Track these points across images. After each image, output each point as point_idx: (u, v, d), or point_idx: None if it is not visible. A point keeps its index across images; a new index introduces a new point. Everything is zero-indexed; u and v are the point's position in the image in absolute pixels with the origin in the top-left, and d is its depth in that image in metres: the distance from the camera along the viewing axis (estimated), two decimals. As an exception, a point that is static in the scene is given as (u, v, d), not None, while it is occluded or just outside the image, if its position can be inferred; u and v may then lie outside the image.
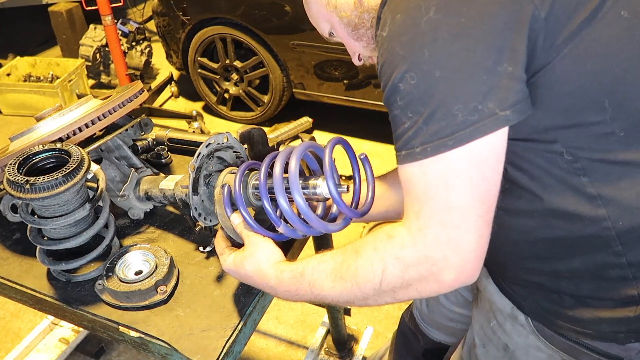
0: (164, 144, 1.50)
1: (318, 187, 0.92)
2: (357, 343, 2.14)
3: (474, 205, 0.71)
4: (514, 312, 0.98)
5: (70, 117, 1.13)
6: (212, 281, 1.09)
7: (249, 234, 0.96)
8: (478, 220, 0.72)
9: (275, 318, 2.39)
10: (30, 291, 1.10)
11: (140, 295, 1.02)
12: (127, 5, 5.29)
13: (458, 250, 0.72)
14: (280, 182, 0.89)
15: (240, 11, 3.37)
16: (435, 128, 0.70)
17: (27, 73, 4.27)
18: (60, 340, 2.12)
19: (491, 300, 1.04)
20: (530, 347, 0.97)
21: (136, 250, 1.11)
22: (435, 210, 0.72)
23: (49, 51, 5.22)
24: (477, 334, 1.11)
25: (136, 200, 1.22)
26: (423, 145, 0.71)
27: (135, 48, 4.35)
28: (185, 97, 4.32)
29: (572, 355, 0.92)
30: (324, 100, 3.54)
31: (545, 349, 0.95)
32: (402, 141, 0.75)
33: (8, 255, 1.19)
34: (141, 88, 1.27)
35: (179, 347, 0.95)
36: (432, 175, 0.72)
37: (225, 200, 0.98)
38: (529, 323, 0.96)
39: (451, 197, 0.71)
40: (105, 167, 1.21)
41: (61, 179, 0.96)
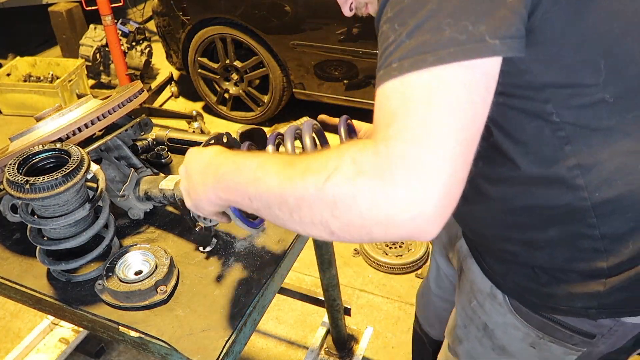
0: (164, 144, 1.50)
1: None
2: (357, 343, 2.14)
3: (456, 129, 0.61)
4: (493, 291, 0.99)
5: (70, 117, 1.13)
6: (212, 281, 1.09)
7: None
8: (456, 147, 0.60)
9: (275, 318, 2.39)
10: (30, 291, 1.10)
11: (140, 295, 1.02)
12: (127, 5, 5.29)
13: (424, 178, 0.59)
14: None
15: (240, 11, 3.37)
16: (418, 41, 0.63)
17: (27, 73, 4.27)
18: (60, 340, 2.13)
19: (473, 281, 1.05)
20: (508, 326, 0.98)
21: (136, 250, 1.11)
22: (409, 125, 0.61)
23: (49, 51, 5.22)
24: (459, 315, 1.12)
25: (136, 200, 1.22)
26: (401, 61, 0.63)
27: (135, 48, 4.35)
28: (185, 97, 4.32)
29: (546, 332, 0.93)
30: (324, 100, 3.54)
31: (521, 327, 0.96)
32: (382, 59, 0.66)
33: (8, 255, 1.19)
34: (141, 88, 1.27)
35: (179, 347, 0.95)
36: (414, 88, 0.62)
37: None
38: (506, 302, 0.97)
39: (431, 114, 0.60)
40: (105, 167, 1.21)
41: (61, 179, 0.96)
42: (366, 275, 2.60)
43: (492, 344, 1.04)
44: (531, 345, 0.97)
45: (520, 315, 0.96)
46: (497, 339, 1.02)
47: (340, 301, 1.90)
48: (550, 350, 0.96)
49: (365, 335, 2.15)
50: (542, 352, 0.97)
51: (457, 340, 1.14)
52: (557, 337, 0.93)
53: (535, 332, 0.95)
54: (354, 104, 3.45)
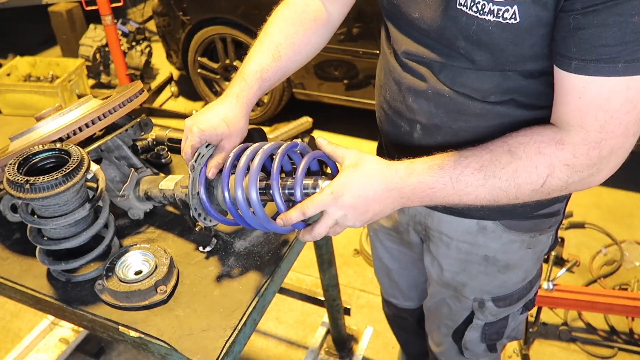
0: (164, 144, 1.50)
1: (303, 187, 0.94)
2: (357, 343, 2.14)
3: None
4: (481, 224, 1.09)
5: (70, 117, 1.13)
6: (212, 281, 1.09)
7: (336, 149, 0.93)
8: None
9: (275, 318, 2.39)
10: (30, 291, 1.10)
11: (140, 295, 1.02)
12: (127, 5, 5.29)
13: (619, 160, 0.80)
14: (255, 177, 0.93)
15: (240, 11, 3.37)
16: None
17: (27, 73, 4.27)
18: (60, 340, 2.13)
19: (451, 229, 1.13)
20: (506, 244, 1.10)
21: (136, 250, 1.11)
22: (622, 124, 0.76)
23: (49, 51, 5.22)
24: (449, 266, 1.20)
25: (136, 200, 1.22)
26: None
27: (135, 48, 4.35)
28: (185, 97, 4.32)
29: (537, 230, 1.09)
30: (324, 100, 3.54)
31: (517, 238, 1.09)
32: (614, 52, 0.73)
33: (8, 255, 1.19)
34: (141, 88, 1.27)
35: (179, 347, 0.95)
36: (635, 90, 0.74)
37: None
38: (498, 226, 1.08)
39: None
40: (105, 167, 1.21)
41: (61, 179, 0.96)
42: (366, 275, 2.60)
43: (496, 268, 1.14)
44: (527, 247, 1.12)
45: (512, 229, 1.08)
46: (499, 260, 1.13)
47: (340, 301, 1.90)
48: (540, 242, 1.12)
49: (365, 335, 2.15)
50: (535, 248, 1.13)
51: (462, 285, 1.21)
52: (542, 228, 1.10)
53: (528, 235, 1.09)
54: (354, 104, 3.45)
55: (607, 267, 2.61)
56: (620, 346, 2.22)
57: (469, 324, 1.25)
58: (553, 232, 1.16)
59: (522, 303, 1.23)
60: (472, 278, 1.19)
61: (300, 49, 1.14)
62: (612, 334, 2.27)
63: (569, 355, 2.21)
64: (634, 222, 2.91)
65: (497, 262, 1.14)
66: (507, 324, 1.25)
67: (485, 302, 1.20)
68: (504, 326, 1.25)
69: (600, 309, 2.18)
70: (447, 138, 0.99)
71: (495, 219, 1.08)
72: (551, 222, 1.11)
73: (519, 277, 1.17)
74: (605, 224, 2.85)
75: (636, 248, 2.68)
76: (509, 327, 1.26)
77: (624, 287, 2.46)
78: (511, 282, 1.18)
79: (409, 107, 1.02)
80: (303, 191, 0.92)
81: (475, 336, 1.27)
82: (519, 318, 1.28)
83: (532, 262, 1.16)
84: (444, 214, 1.13)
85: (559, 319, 2.34)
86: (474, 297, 1.21)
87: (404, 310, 1.60)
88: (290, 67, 1.14)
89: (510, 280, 1.17)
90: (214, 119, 1.03)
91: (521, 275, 1.17)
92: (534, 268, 1.19)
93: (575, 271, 2.57)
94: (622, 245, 2.70)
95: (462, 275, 1.19)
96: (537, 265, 1.19)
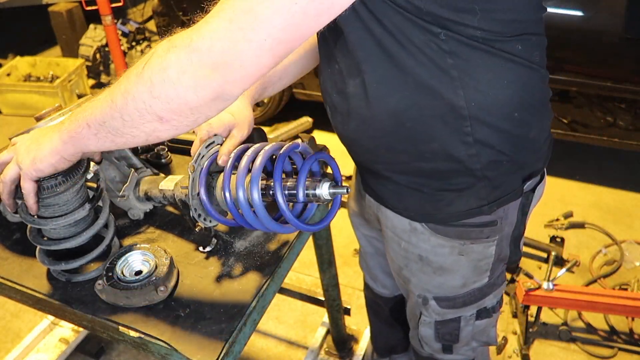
0: (164, 144, 1.50)
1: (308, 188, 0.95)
2: (357, 343, 2.14)
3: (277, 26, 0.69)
4: (412, 225, 1.11)
5: (70, 117, 1.13)
6: (212, 281, 1.09)
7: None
8: (268, 40, 0.69)
9: (275, 318, 2.39)
10: (30, 291, 1.10)
11: (140, 295, 1.02)
12: (127, 5, 5.29)
13: (227, 48, 0.69)
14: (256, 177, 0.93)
15: (240, 11, 3.37)
16: None
17: (27, 73, 4.27)
18: (60, 340, 2.13)
19: (393, 225, 1.16)
20: (435, 247, 1.12)
21: (136, 250, 1.11)
22: (234, 8, 0.69)
23: (49, 51, 5.22)
24: (397, 260, 1.23)
25: (136, 200, 1.22)
26: None
27: (135, 48, 4.35)
28: (185, 97, 4.31)
29: (464, 237, 1.09)
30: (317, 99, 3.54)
31: (445, 243, 1.11)
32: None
33: (8, 255, 1.19)
34: (141, 88, 1.27)
35: (179, 347, 0.95)
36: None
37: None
38: (425, 228, 1.10)
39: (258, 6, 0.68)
40: (105, 167, 1.21)
41: (61, 179, 0.96)
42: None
43: (431, 269, 1.16)
44: (460, 254, 1.12)
45: (439, 233, 1.09)
46: (432, 262, 1.15)
47: (340, 301, 1.90)
48: (474, 251, 1.11)
49: (365, 335, 2.14)
50: (470, 256, 1.12)
51: (406, 280, 1.25)
52: (473, 237, 1.09)
53: (457, 242, 1.10)
54: (354, 104, 3.45)
55: (607, 267, 2.61)
56: (620, 346, 2.22)
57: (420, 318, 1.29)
58: (494, 243, 1.11)
59: (473, 309, 1.22)
60: (413, 275, 1.21)
61: (302, 51, 1.14)
62: (612, 334, 2.27)
63: (569, 355, 2.21)
64: (634, 222, 2.91)
65: (430, 263, 1.15)
66: (460, 327, 1.25)
67: (429, 299, 1.22)
68: (457, 328, 1.25)
69: (600, 309, 2.18)
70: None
71: (421, 221, 1.10)
72: (484, 232, 1.08)
73: (456, 282, 1.17)
74: (605, 224, 2.85)
75: (636, 248, 2.69)
76: (463, 330, 1.25)
77: (624, 287, 2.46)
78: (449, 285, 1.18)
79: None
80: (305, 192, 0.93)
81: (429, 332, 1.28)
82: (477, 324, 1.25)
83: (470, 270, 1.14)
84: (387, 209, 1.15)
85: (559, 319, 2.34)
86: (418, 294, 1.23)
87: (379, 297, 1.63)
88: (290, 68, 1.14)
89: (447, 282, 1.17)
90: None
91: (459, 280, 1.16)
92: (475, 276, 1.16)
93: (575, 271, 2.57)
94: (622, 245, 2.70)
95: (405, 271, 1.22)
96: (479, 274, 1.16)
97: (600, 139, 2.96)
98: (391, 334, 1.72)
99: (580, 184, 3.20)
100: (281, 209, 0.93)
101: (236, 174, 0.96)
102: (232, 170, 1.00)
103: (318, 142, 1.34)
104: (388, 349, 1.79)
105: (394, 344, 1.74)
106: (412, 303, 1.30)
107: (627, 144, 2.92)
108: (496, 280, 1.20)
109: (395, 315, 1.66)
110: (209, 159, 1.05)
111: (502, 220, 1.09)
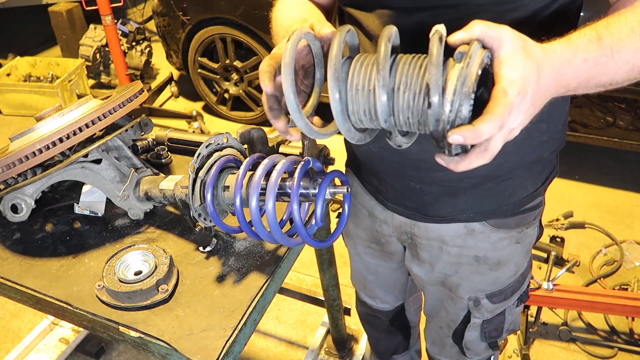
0: (164, 144, 1.50)
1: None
2: (357, 343, 2.14)
3: None
4: (468, 227, 1.11)
5: (70, 117, 1.13)
6: (212, 281, 1.09)
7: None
8: None
9: (275, 318, 2.39)
10: (30, 291, 1.10)
11: (142, 294, 1.02)
12: (127, 5, 5.29)
13: None
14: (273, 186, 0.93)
15: (240, 11, 3.37)
16: None
17: (27, 73, 4.27)
18: (60, 340, 2.13)
19: (439, 236, 1.15)
20: (495, 243, 1.12)
21: (135, 250, 1.11)
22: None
23: (49, 51, 5.22)
24: (440, 270, 1.21)
25: (136, 200, 1.22)
26: None
27: (135, 48, 4.35)
28: (185, 97, 4.32)
29: (521, 224, 1.11)
30: (323, 100, 3.53)
31: (505, 235, 1.11)
32: None
33: (8, 255, 1.19)
34: (141, 88, 1.27)
35: (179, 347, 0.95)
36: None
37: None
38: (485, 226, 1.10)
39: None
40: (105, 167, 1.21)
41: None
42: (366, 275, 2.60)
43: (487, 266, 1.16)
44: (517, 242, 1.13)
45: (500, 227, 1.10)
46: (490, 259, 1.14)
47: (340, 301, 1.90)
48: (527, 235, 1.14)
49: (365, 336, 2.14)
50: (524, 242, 1.15)
51: (454, 287, 1.22)
52: (528, 222, 1.12)
53: (516, 231, 1.11)
54: (354, 104, 3.45)
55: (607, 267, 2.61)
56: (620, 346, 2.22)
57: (467, 323, 1.26)
58: (537, 223, 1.18)
59: (517, 296, 1.25)
60: (464, 279, 1.19)
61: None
62: (612, 334, 2.27)
63: (569, 355, 2.21)
64: (634, 222, 2.91)
65: (488, 261, 1.15)
66: (505, 319, 1.27)
67: (480, 299, 1.21)
68: (502, 321, 1.26)
69: (600, 309, 2.18)
70: None
71: (482, 220, 1.09)
72: (535, 214, 1.13)
73: (511, 272, 1.19)
74: (605, 224, 2.85)
75: (636, 248, 2.69)
76: (506, 321, 1.27)
77: (624, 287, 2.46)
78: (504, 278, 1.19)
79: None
80: (307, 191, 0.96)
81: (475, 335, 1.27)
82: (516, 311, 1.30)
83: (522, 255, 1.18)
84: (430, 223, 1.13)
85: (559, 319, 2.34)
86: (469, 297, 1.21)
87: (379, 311, 1.61)
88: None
89: (502, 275, 1.19)
90: (280, 44, 0.90)
91: (513, 269, 1.19)
92: (524, 261, 1.20)
93: (575, 271, 2.57)
94: (622, 245, 2.70)
95: (455, 277, 1.20)
96: (526, 257, 1.21)
97: (600, 138, 2.96)
98: (391, 339, 1.70)
99: (580, 184, 3.20)
100: (298, 229, 0.94)
101: (250, 183, 0.96)
102: (244, 177, 1.00)
103: (318, 142, 1.34)
104: (389, 352, 1.77)
105: (394, 347, 1.72)
106: (455, 310, 1.27)
107: (627, 144, 2.92)
108: (530, 261, 1.24)
109: (395, 323, 1.63)
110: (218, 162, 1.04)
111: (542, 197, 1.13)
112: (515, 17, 0.84)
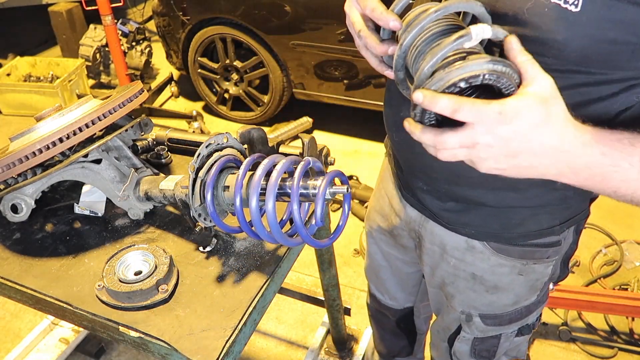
0: (164, 144, 1.50)
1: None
2: (357, 343, 2.14)
3: None
4: (470, 243, 1.08)
5: (70, 117, 1.13)
6: (212, 281, 1.09)
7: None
8: None
9: (275, 318, 2.39)
10: (30, 291, 1.10)
11: (142, 294, 1.02)
12: (127, 5, 5.29)
13: None
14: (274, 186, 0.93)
15: (240, 11, 3.37)
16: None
17: (27, 73, 4.27)
18: (60, 340, 2.13)
19: (442, 242, 1.13)
20: (494, 267, 1.08)
21: (135, 250, 1.11)
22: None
23: (49, 51, 5.22)
24: (439, 276, 1.20)
25: (136, 200, 1.22)
26: None
27: (135, 48, 4.35)
28: (185, 97, 4.32)
29: (528, 258, 1.06)
30: (324, 100, 3.54)
31: (506, 263, 1.07)
32: None
33: (8, 255, 1.19)
34: (141, 88, 1.27)
35: (179, 347, 0.96)
36: None
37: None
38: (486, 247, 1.06)
39: None
40: (105, 167, 1.21)
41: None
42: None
43: (484, 287, 1.13)
44: (519, 274, 1.08)
45: (502, 253, 1.06)
46: (487, 281, 1.11)
47: (340, 301, 1.90)
48: (534, 271, 1.08)
49: (365, 335, 2.14)
50: (528, 276, 1.09)
51: (450, 296, 1.21)
52: (536, 258, 1.06)
53: (519, 262, 1.06)
54: (354, 104, 3.45)
55: (607, 267, 2.61)
56: (620, 346, 2.22)
57: (458, 334, 1.25)
58: (553, 262, 1.09)
59: (516, 326, 1.20)
60: (460, 292, 1.17)
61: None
62: (612, 334, 2.27)
63: (569, 355, 2.21)
64: (634, 222, 2.91)
65: (484, 282, 1.12)
66: (499, 344, 1.23)
67: (473, 317, 1.19)
68: (495, 345, 1.23)
69: (600, 309, 2.18)
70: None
71: (484, 240, 1.06)
72: (548, 252, 1.06)
73: (509, 300, 1.14)
74: (605, 224, 2.85)
75: (636, 248, 2.69)
76: (501, 347, 1.23)
77: (624, 287, 2.46)
78: (500, 304, 1.15)
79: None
80: (307, 191, 0.96)
81: (465, 349, 1.25)
82: (515, 340, 1.24)
83: (525, 289, 1.12)
84: (437, 224, 1.12)
85: (559, 319, 2.34)
86: (462, 310, 1.20)
87: (387, 308, 1.61)
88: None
89: (499, 301, 1.14)
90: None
91: (512, 299, 1.13)
92: (528, 295, 1.14)
93: (575, 271, 2.57)
94: (622, 245, 2.70)
95: (451, 288, 1.19)
96: (532, 292, 1.14)
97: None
98: (395, 341, 1.70)
99: (580, 184, 3.20)
100: (298, 228, 0.94)
101: (250, 183, 0.96)
102: (244, 177, 1.00)
103: (318, 142, 1.34)
104: (392, 354, 1.77)
105: (398, 350, 1.72)
106: (449, 318, 1.26)
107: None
108: (542, 298, 1.17)
109: (401, 325, 1.63)
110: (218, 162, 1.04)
111: (564, 240, 1.06)
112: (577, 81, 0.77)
